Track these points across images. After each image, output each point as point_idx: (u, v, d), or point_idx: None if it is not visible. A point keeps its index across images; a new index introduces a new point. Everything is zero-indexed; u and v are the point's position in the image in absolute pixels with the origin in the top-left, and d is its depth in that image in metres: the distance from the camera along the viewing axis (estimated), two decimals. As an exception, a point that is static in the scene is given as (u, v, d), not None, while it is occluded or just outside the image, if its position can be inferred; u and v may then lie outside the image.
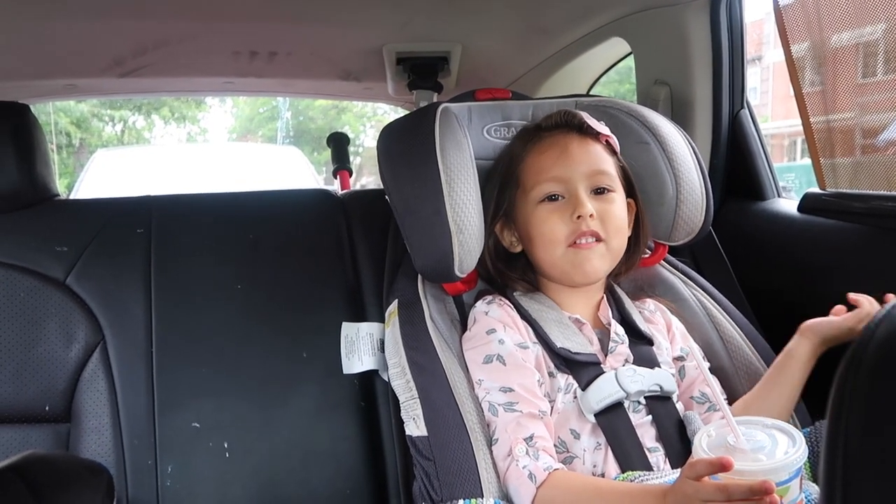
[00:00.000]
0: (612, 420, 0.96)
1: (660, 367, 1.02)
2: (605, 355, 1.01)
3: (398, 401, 1.04)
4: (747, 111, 1.49)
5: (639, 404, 0.99)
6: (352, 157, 2.45)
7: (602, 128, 1.08)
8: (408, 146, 1.07)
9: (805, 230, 1.30)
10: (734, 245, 1.39)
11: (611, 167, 1.06)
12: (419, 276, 1.10)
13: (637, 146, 1.13)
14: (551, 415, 0.96)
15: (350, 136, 2.52)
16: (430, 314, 1.06)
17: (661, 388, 0.99)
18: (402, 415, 1.03)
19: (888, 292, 0.99)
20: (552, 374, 0.99)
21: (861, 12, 1.24)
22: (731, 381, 1.09)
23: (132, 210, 1.36)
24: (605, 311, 1.07)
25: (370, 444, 1.25)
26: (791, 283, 1.30)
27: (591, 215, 1.00)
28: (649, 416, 0.98)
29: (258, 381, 1.26)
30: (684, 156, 1.13)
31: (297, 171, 4.53)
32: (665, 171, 1.11)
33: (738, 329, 1.13)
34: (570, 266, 1.03)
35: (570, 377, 0.99)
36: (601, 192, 1.04)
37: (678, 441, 0.98)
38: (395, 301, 1.11)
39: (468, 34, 1.70)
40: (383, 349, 1.15)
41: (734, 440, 0.76)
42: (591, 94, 1.99)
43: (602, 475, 0.94)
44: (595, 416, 0.96)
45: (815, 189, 1.32)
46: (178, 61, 1.83)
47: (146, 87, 2.22)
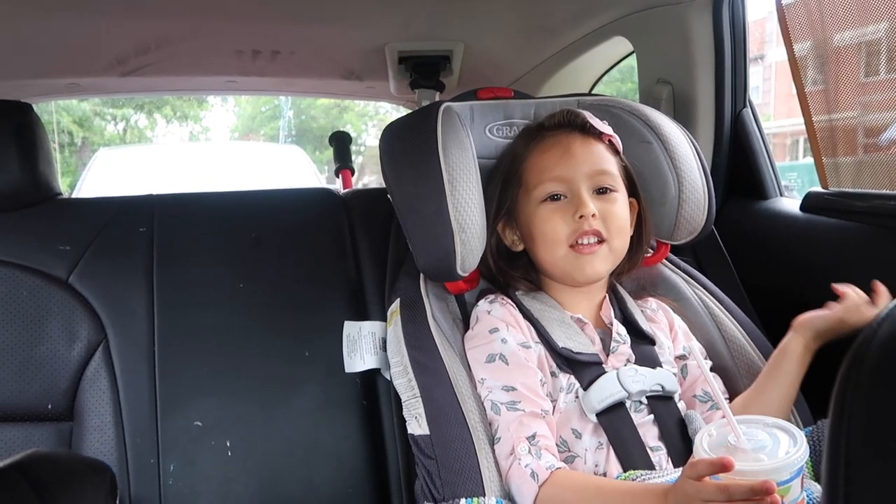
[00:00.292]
0: (614, 420, 0.96)
1: (661, 367, 1.02)
2: (607, 355, 1.01)
3: (400, 399, 1.04)
4: (749, 110, 1.49)
5: (640, 404, 0.99)
6: (354, 156, 2.45)
7: (605, 127, 1.08)
8: (410, 145, 1.07)
9: (807, 229, 1.30)
10: (736, 244, 1.39)
11: (613, 167, 1.06)
12: (421, 274, 1.10)
13: (639, 145, 1.13)
14: (553, 414, 0.96)
15: (352, 135, 2.51)
16: (432, 313, 1.06)
17: (662, 387, 0.99)
18: (404, 413, 1.03)
19: (889, 290, 1.00)
20: (554, 373, 0.99)
21: (863, 11, 1.24)
22: (734, 381, 1.09)
23: (134, 209, 1.36)
24: (608, 311, 1.07)
25: (372, 442, 1.25)
26: (793, 283, 1.29)
27: (593, 215, 1.00)
28: (651, 416, 0.99)
29: (260, 379, 1.26)
30: (686, 155, 1.13)
31: (299, 170, 4.53)
32: (667, 171, 1.11)
33: (740, 328, 1.13)
34: (571, 267, 1.03)
35: (572, 377, 0.99)
36: (603, 191, 1.04)
37: (680, 440, 0.98)
38: (398, 300, 1.11)
39: (470, 33, 1.70)
40: (385, 348, 1.15)
41: (735, 440, 0.76)
42: (594, 93, 1.99)
43: (604, 474, 0.94)
44: (597, 415, 0.96)
45: (818, 188, 1.32)
46: (180, 60, 1.83)
47: (148, 85, 2.22)
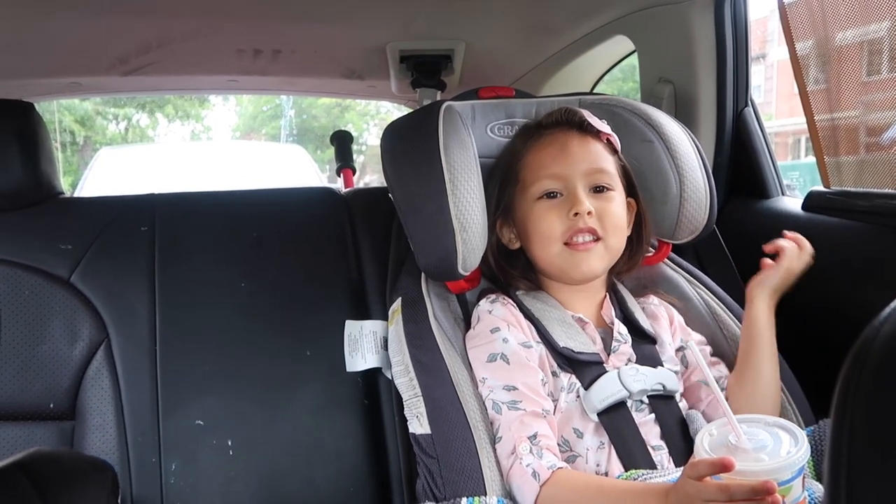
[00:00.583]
0: (615, 419, 0.96)
1: (662, 367, 1.02)
2: (608, 354, 1.01)
3: (401, 399, 1.04)
4: (751, 109, 1.49)
5: (642, 403, 0.99)
6: (355, 156, 2.45)
7: (603, 126, 1.08)
8: (411, 144, 1.07)
9: (809, 228, 1.29)
10: (738, 243, 1.38)
11: (611, 166, 1.06)
12: (423, 274, 1.10)
13: (641, 144, 1.13)
14: (554, 414, 0.96)
15: (353, 134, 2.51)
16: (433, 312, 1.06)
17: (663, 387, 0.99)
18: (405, 413, 1.03)
19: (893, 291, 0.99)
20: (555, 373, 0.99)
21: (866, 10, 1.23)
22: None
23: (136, 208, 1.36)
24: (609, 310, 1.07)
25: (373, 441, 1.26)
26: (794, 282, 1.29)
27: (588, 213, 1.00)
28: (652, 415, 0.98)
29: (262, 378, 1.26)
30: (688, 154, 1.12)
31: (300, 170, 4.53)
32: (669, 170, 1.11)
33: (740, 327, 1.12)
34: (566, 265, 1.03)
35: (573, 376, 0.99)
36: (600, 190, 1.04)
37: (681, 439, 0.98)
38: (399, 299, 1.11)
39: (472, 32, 1.69)
40: (387, 347, 1.15)
41: (736, 439, 0.76)
42: (595, 92, 1.99)
43: (605, 474, 0.94)
44: (598, 415, 0.96)
45: (820, 187, 1.32)
46: (182, 59, 1.83)
47: (150, 85, 2.22)
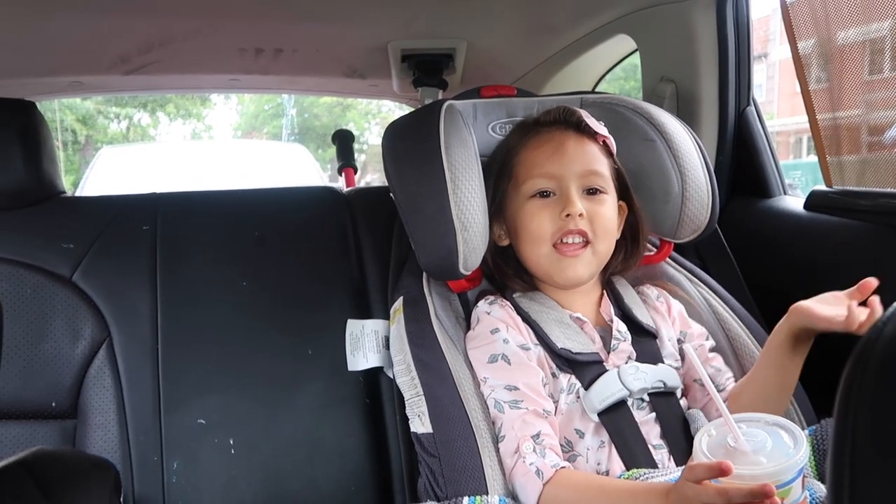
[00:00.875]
0: (616, 418, 0.96)
1: (663, 363, 1.02)
2: (608, 353, 1.01)
3: (403, 398, 1.04)
4: (753, 108, 1.48)
5: (642, 401, 0.99)
6: (357, 155, 2.45)
7: (600, 128, 1.07)
8: (412, 144, 1.07)
9: (811, 228, 1.29)
10: (740, 242, 1.38)
11: (605, 168, 1.05)
12: (424, 273, 1.10)
13: (642, 143, 1.13)
14: (555, 415, 0.96)
15: (355, 133, 2.51)
16: (435, 311, 1.06)
17: (664, 384, 0.99)
18: (406, 412, 1.03)
19: (893, 289, 0.99)
20: (555, 374, 0.99)
21: (868, 9, 1.23)
22: (736, 378, 1.09)
23: (138, 207, 1.36)
24: (608, 308, 1.06)
25: (375, 440, 1.26)
26: (797, 281, 1.29)
27: (580, 214, 1.00)
28: (653, 414, 0.98)
29: (263, 378, 1.26)
30: (690, 153, 1.12)
31: (301, 169, 4.53)
32: (671, 169, 1.11)
33: (743, 326, 1.13)
34: (553, 268, 1.03)
35: (573, 377, 0.99)
36: (593, 192, 1.03)
37: (683, 438, 0.98)
38: (401, 298, 1.11)
39: (473, 31, 1.69)
40: (388, 346, 1.15)
41: (734, 441, 0.75)
42: (597, 91, 1.99)
43: (606, 473, 0.94)
44: (598, 415, 0.96)
45: (822, 186, 1.32)
46: (183, 58, 1.83)
47: (152, 84, 2.22)
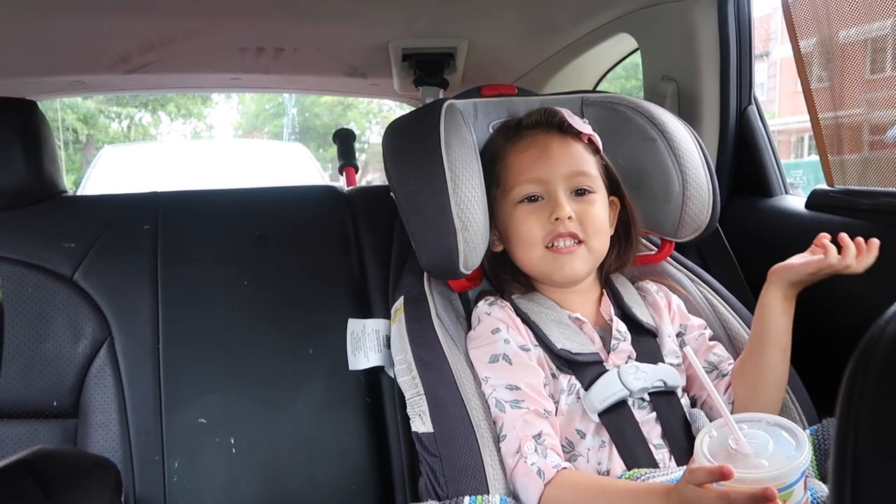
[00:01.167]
0: (617, 419, 0.96)
1: (663, 362, 1.02)
2: (608, 353, 1.01)
3: (404, 397, 1.04)
4: (755, 107, 1.48)
5: (643, 401, 0.98)
6: (357, 154, 2.45)
7: (584, 126, 1.07)
8: (413, 143, 1.07)
9: (813, 227, 1.28)
10: (741, 242, 1.38)
11: (592, 167, 1.05)
12: (425, 272, 1.10)
13: (643, 142, 1.13)
14: (556, 415, 0.96)
15: (356, 132, 2.51)
16: (435, 311, 1.06)
17: (664, 383, 0.99)
18: (407, 411, 1.03)
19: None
20: (555, 375, 0.99)
21: (869, 8, 1.23)
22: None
23: (139, 206, 1.36)
24: (607, 308, 1.06)
25: (376, 440, 1.26)
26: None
27: (569, 217, 1.00)
28: (654, 413, 0.98)
29: (264, 377, 1.26)
30: (691, 152, 1.12)
31: (302, 168, 4.53)
32: (671, 168, 1.11)
33: (744, 326, 1.12)
34: (549, 268, 1.03)
35: (573, 377, 0.98)
36: (581, 193, 1.03)
37: (684, 438, 0.98)
38: (401, 297, 1.11)
39: (474, 30, 1.69)
40: (389, 346, 1.15)
41: (735, 443, 0.75)
42: (598, 90, 1.99)
43: (607, 472, 0.93)
44: (599, 415, 0.95)
45: (823, 185, 1.32)
46: (184, 58, 1.83)
47: (153, 83, 2.22)
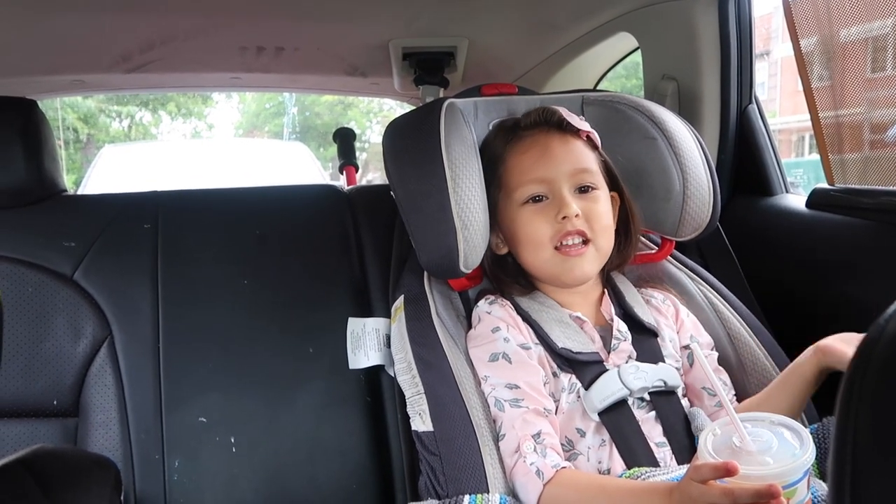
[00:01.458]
0: (617, 418, 0.96)
1: (664, 362, 1.02)
2: (608, 352, 1.01)
3: (404, 396, 1.04)
4: (755, 106, 1.48)
5: (643, 401, 0.98)
6: (358, 153, 2.45)
7: (582, 124, 1.07)
8: (413, 142, 1.07)
9: (813, 226, 1.29)
10: (741, 241, 1.38)
11: (593, 164, 1.05)
12: (425, 271, 1.10)
13: (644, 141, 1.12)
14: (556, 414, 0.96)
15: (356, 131, 2.51)
16: (436, 310, 1.06)
17: (665, 383, 0.99)
18: (407, 410, 1.03)
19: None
20: (555, 373, 0.99)
21: (870, 7, 1.23)
22: (739, 378, 1.09)
23: (139, 205, 1.36)
24: (608, 307, 1.06)
25: (376, 439, 1.26)
26: (799, 279, 1.29)
27: (576, 215, 1.00)
28: (654, 412, 0.98)
29: (264, 376, 1.26)
30: (691, 151, 1.12)
31: (303, 167, 4.54)
32: (672, 167, 1.11)
33: (745, 325, 1.12)
34: (558, 270, 1.02)
35: (574, 376, 0.98)
36: (585, 190, 1.03)
37: (684, 437, 0.98)
38: (401, 296, 1.11)
39: (475, 29, 1.69)
40: (389, 345, 1.15)
41: (740, 441, 0.75)
42: (598, 89, 1.98)
43: (607, 471, 0.93)
44: (599, 414, 0.95)
45: (824, 184, 1.31)
46: (184, 57, 1.83)
47: (153, 82, 2.22)
